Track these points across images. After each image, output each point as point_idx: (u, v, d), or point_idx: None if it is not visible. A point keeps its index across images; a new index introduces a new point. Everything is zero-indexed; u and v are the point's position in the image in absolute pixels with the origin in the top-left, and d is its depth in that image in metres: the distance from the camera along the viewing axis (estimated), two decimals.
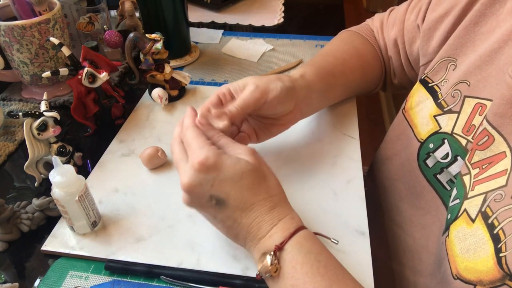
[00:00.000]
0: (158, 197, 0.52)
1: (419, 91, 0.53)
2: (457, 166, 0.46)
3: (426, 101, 0.52)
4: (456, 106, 0.46)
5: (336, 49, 0.65)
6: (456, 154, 0.46)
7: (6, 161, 0.60)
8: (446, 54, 0.50)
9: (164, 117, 0.66)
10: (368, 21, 0.71)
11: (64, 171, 0.43)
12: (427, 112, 0.51)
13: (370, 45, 0.67)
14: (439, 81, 0.51)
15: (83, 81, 0.58)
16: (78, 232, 0.47)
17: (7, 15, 0.67)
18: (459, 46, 0.48)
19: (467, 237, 0.39)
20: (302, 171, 0.56)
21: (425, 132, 0.51)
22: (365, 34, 0.67)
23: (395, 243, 0.57)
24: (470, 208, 0.39)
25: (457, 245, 0.40)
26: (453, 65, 0.49)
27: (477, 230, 0.38)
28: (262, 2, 1.06)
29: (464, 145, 0.45)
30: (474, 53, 0.46)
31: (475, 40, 0.46)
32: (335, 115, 0.65)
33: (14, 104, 0.70)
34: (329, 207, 0.51)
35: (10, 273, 0.46)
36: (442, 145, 0.48)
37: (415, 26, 0.58)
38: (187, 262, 0.45)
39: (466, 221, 0.39)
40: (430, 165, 0.50)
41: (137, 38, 0.63)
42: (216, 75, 0.78)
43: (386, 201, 0.60)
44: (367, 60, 0.66)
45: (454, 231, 0.41)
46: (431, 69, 0.52)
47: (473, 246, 0.38)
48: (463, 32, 0.48)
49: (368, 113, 2.01)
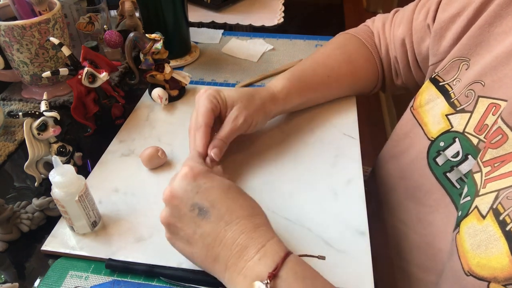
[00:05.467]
0: (158, 197, 0.52)
1: (429, 90, 0.53)
2: (467, 164, 0.46)
3: (437, 99, 0.52)
4: (469, 106, 0.46)
5: (327, 56, 0.65)
6: (467, 153, 0.46)
7: (6, 161, 0.60)
8: (458, 53, 0.50)
9: (164, 117, 0.66)
10: (368, 22, 0.71)
11: (64, 171, 0.43)
12: (439, 111, 0.51)
13: (365, 48, 0.67)
14: (450, 80, 0.51)
15: (83, 81, 0.58)
16: (78, 232, 0.47)
17: (7, 15, 0.68)
18: (473, 46, 0.48)
19: (477, 233, 0.39)
20: (302, 171, 0.56)
21: (436, 130, 0.51)
22: (362, 36, 0.68)
23: (401, 241, 0.57)
24: (481, 205, 0.39)
25: (468, 241, 0.40)
26: (466, 64, 0.49)
27: (487, 227, 0.38)
28: (262, 2, 1.06)
29: (476, 144, 0.45)
30: (489, 54, 0.46)
31: (489, 41, 0.47)
32: (335, 115, 0.65)
33: (14, 104, 0.70)
34: (329, 207, 0.51)
35: (10, 273, 0.46)
36: (453, 144, 0.48)
37: (424, 25, 0.58)
38: (187, 262, 0.45)
39: (477, 218, 0.39)
40: (440, 163, 0.50)
41: (137, 38, 0.63)
42: (216, 75, 0.78)
43: (391, 199, 0.60)
44: (358, 65, 0.66)
45: (465, 227, 0.41)
46: (442, 68, 0.52)
47: (484, 242, 0.38)
48: (477, 33, 0.48)
49: (368, 113, 2.01)
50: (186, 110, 0.67)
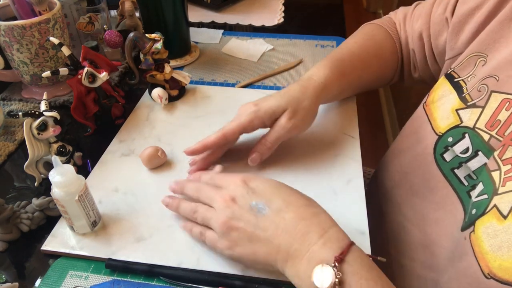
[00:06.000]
0: (158, 197, 0.52)
1: (444, 86, 0.52)
2: (477, 161, 0.45)
3: (450, 95, 0.50)
4: (481, 100, 0.45)
5: (360, 48, 0.65)
6: (477, 149, 0.45)
7: (6, 161, 0.60)
8: (476, 49, 0.49)
9: (164, 117, 0.66)
10: (391, 14, 0.72)
11: (64, 171, 0.43)
12: (449, 106, 0.50)
13: (391, 39, 0.67)
14: (465, 77, 0.49)
15: (83, 81, 0.58)
16: (78, 232, 0.47)
17: (7, 15, 0.67)
18: (492, 42, 0.47)
19: (498, 234, 0.37)
20: (302, 170, 0.56)
21: (444, 125, 0.49)
22: (388, 27, 0.68)
23: (403, 237, 0.56)
24: (501, 204, 0.38)
25: (486, 242, 0.38)
26: (483, 60, 0.48)
27: (510, 227, 0.36)
28: (262, 2, 1.06)
29: (487, 140, 0.43)
30: (506, 49, 0.45)
31: (509, 36, 0.45)
32: (335, 115, 0.65)
33: (14, 104, 0.70)
34: (329, 207, 0.51)
35: (10, 273, 0.46)
36: (462, 139, 0.46)
37: (443, 19, 0.57)
38: (187, 262, 0.45)
39: (497, 217, 0.38)
40: (448, 159, 0.49)
41: (137, 38, 0.63)
42: (216, 75, 0.78)
43: (396, 195, 0.59)
44: (385, 57, 0.66)
45: (482, 227, 0.39)
46: (459, 64, 0.51)
47: (506, 244, 0.36)
48: (497, 28, 0.46)
49: (368, 113, 2.01)
50: (186, 110, 0.67)
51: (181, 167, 0.56)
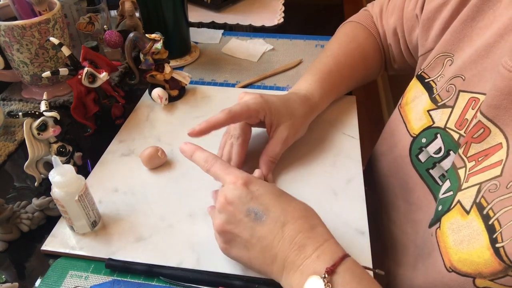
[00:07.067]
0: (158, 197, 0.52)
1: (416, 87, 0.53)
2: (449, 160, 0.46)
3: (422, 96, 0.51)
4: (450, 100, 0.46)
5: (345, 54, 0.65)
6: (449, 149, 0.46)
7: (6, 161, 0.60)
8: (443, 49, 0.50)
9: (164, 117, 0.66)
10: (369, 6, 0.71)
11: (64, 171, 0.43)
12: (421, 107, 0.51)
13: (372, 37, 0.67)
14: (435, 77, 0.50)
15: (83, 81, 0.58)
16: (78, 232, 0.47)
17: (7, 15, 0.68)
18: (456, 41, 0.48)
19: (461, 228, 0.38)
20: (302, 171, 0.56)
21: (418, 127, 0.50)
22: (367, 24, 0.68)
23: (391, 242, 0.56)
24: (464, 200, 0.39)
25: (450, 237, 0.39)
26: (450, 60, 0.49)
27: (471, 222, 0.37)
28: (262, 2, 1.06)
29: (457, 140, 0.44)
30: (470, 48, 0.45)
31: (472, 35, 0.46)
32: (335, 115, 0.65)
33: (14, 104, 0.70)
34: (329, 207, 0.51)
35: (10, 273, 0.46)
36: (435, 140, 0.47)
37: (413, 15, 0.57)
38: (187, 262, 0.45)
39: (460, 213, 0.39)
40: (423, 160, 0.50)
41: (137, 38, 0.63)
42: (216, 75, 0.78)
43: (382, 198, 0.60)
44: (370, 57, 0.67)
45: (447, 223, 0.40)
46: (428, 64, 0.52)
47: (467, 238, 0.37)
48: (460, 27, 0.47)
49: (368, 113, 2.01)
50: (186, 110, 0.67)
51: (181, 167, 0.56)
